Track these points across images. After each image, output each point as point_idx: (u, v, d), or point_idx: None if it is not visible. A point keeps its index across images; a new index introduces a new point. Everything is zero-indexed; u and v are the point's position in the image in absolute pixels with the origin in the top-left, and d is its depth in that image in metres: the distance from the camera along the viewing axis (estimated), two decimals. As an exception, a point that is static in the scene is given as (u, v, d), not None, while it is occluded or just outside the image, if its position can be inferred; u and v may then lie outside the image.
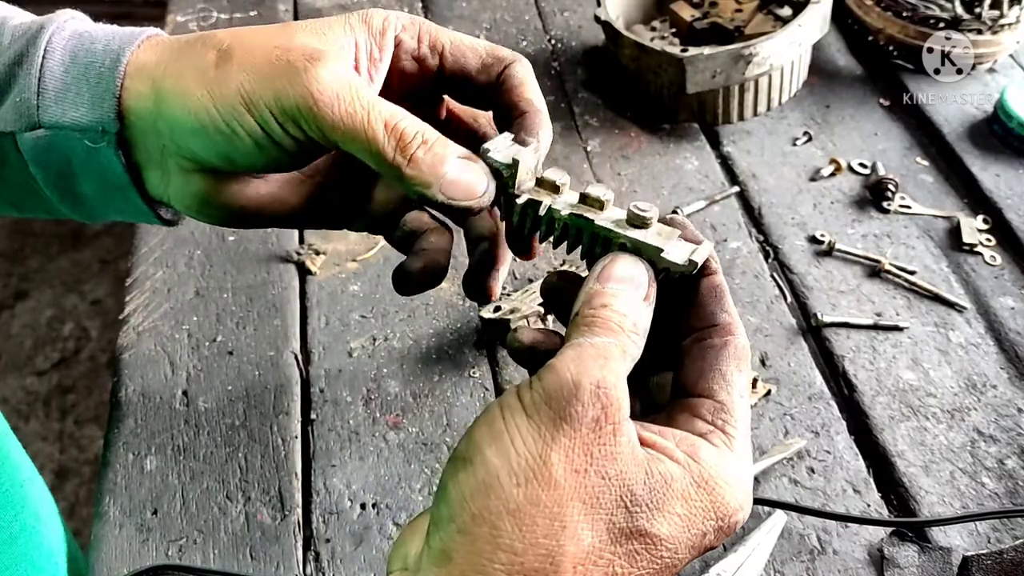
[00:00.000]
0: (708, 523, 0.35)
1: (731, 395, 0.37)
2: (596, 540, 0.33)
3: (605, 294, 0.37)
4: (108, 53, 0.43)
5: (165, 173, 0.44)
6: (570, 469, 0.33)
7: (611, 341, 0.36)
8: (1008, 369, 0.74)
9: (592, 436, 0.33)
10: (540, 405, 0.33)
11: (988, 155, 0.92)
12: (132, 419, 0.70)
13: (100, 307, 2.10)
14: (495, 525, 0.32)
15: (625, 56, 0.95)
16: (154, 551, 0.63)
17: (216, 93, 0.40)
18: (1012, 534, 0.64)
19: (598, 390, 0.33)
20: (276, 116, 0.40)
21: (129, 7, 2.71)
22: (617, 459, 0.33)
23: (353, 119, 0.39)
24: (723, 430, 0.37)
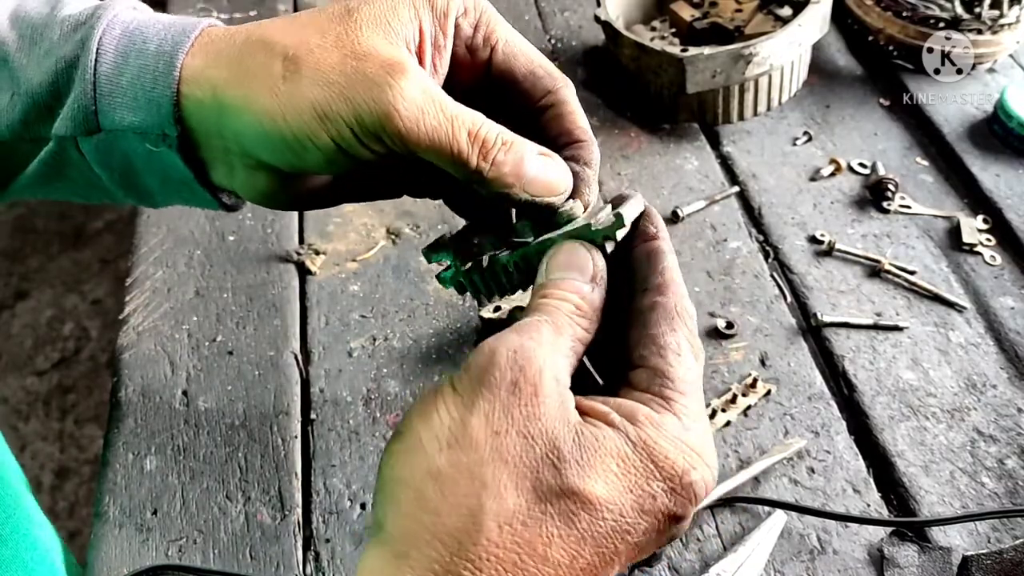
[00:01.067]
0: (654, 484, 0.34)
1: (665, 358, 0.37)
2: (522, 499, 0.32)
3: (547, 284, 0.38)
4: (161, 56, 0.42)
5: (230, 169, 0.44)
6: (490, 431, 0.33)
7: (542, 318, 0.36)
8: (1008, 369, 0.74)
9: (512, 399, 0.33)
10: (463, 377, 0.35)
11: (988, 155, 0.92)
12: (132, 419, 0.70)
13: (100, 307, 2.10)
14: (418, 488, 0.33)
15: (625, 56, 0.95)
16: (154, 551, 0.63)
17: (288, 108, 0.39)
18: (1012, 534, 0.64)
19: (514, 355, 0.34)
20: (356, 132, 0.39)
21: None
22: (541, 419, 0.33)
23: (438, 132, 0.38)
24: (660, 395, 0.36)
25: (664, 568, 0.62)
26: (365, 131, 0.39)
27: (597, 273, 0.39)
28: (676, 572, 0.62)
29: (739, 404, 0.71)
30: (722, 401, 0.71)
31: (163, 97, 0.41)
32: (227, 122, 0.41)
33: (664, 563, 0.62)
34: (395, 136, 0.39)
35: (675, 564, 0.62)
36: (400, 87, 0.38)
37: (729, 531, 0.64)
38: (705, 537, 0.64)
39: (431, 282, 0.80)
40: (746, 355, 0.75)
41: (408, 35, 0.41)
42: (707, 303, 0.79)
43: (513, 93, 0.45)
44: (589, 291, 0.38)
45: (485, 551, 0.31)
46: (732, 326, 0.77)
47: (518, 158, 0.39)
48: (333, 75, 0.39)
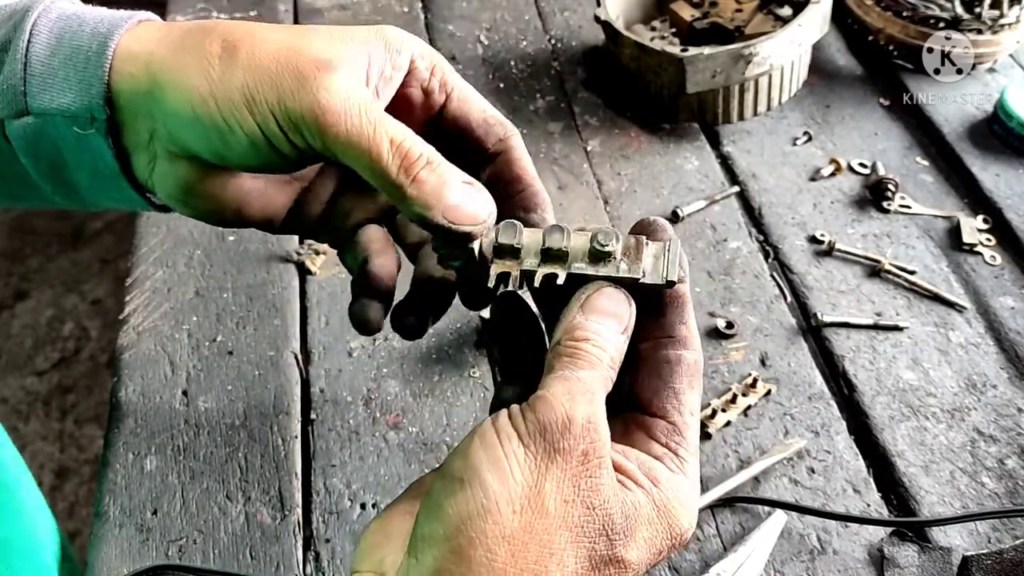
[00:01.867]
0: (665, 543, 0.37)
1: (683, 415, 0.39)
2: (578, 566, 0.34)
3: (588, 328, 0.38)
4: (96, 36, 0.42)
5: (152, 158, 0.43)
6: (560, 499, 0.34)
7: (596, 375, 0.37)
8: (1008, 369, 0.74)
9: (580, 468, 0.35)
10: (536, 436, 0.35)
11: (988, 155, 0.92)
12: (132, 419, 0.70)
13: (100, 307, 2.10)
14: (491, 549, 0.33)
15: (625, 56, 0.95)
16: (154, 551, 0.63)
17: (218, 87, 0.39)
18: (1012, 534, 0.64)
19: (588, 425, 0.35)
20: (279, 120, 0.39)
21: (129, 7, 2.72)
22: (600, 491, 0.35)
23: (360, 133, 0.38)
24: (676, 452, 0.39)
25: (664, 568, 0.62)
26: (287, 120, 0.39)
27: (630, 326, 0.39)
28: (676, 572, 0.62)
29: (739, 404, 0.71)
30: (722, 401, 0.71)
31: (94, 77, 0.41)
32: (158, 100, 0.41)
33: (664, 563, 0.62)
34: (314, 130, 0.38)
35: (675, 564, 0.62)
36: (326, 82, 0.38)
37: (729, 531, 0.64)
38: (705, 537, 0.64)
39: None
40: (746, 355, 0.75)
41: (356, 55, 0.41)
42: (707, 303, 0.79)
43: (465, 140, 0.45)
44: (622, 343, 0.39)
45: None
46: (732, 326, 0.77)
47: (441, 180, 0.38)
48: (266, 61, 0.39)
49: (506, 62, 1.05)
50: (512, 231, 0.40)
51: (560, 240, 0.39)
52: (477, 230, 0.39)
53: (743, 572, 0.60)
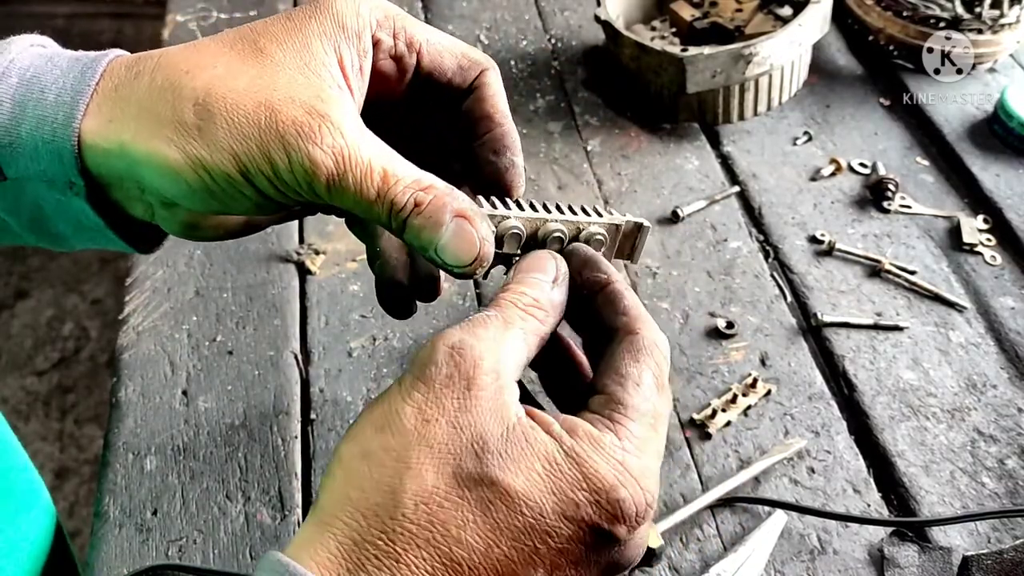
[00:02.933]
0: (579, 492, 0.35)
1: (623, 386, 0.38)
2: (441, 481, 0.34)
3: (510, 283, 0.40)
4: (60, 106, 0.40)
5: (148, 206, 0.43)
6: (420, 419, 0.35)
7: (489, 313, 0.38)
8: (1008, 369, 0.74)
9: (445, 391, 0.35)
10: (407, 373, 0.37)
11: (988, 155, 0.92)
12: (132, 419, 0.70)
13: (100, 307, 2.10)
14: (350, 467, 0.35)
15: (625, 56, 0.95)
16: (154, 551, 0.63)
17: (208, 164, 0.38)
18: (1012, 534, 0.63)
19: (451, 351, 0.36)
20: (276, 186, 0.39)
21: (130, 7, 2.72)
22: (471, 411, 0.35)
23: (348, 192, 0.39)
24: (610, 418, 0.37)
25: (664, 568, 0.62)
26: (285, 186, 0.39)
27: (559, 276, 0.40)
28: (676, 572, 0.62)
29: (739, 404, 0.71)
30: (722, 401, 0.71)
31: (64, 150, 0.40)
32: (140, 173, 0.40)
33: (664, 563, 0.62)
34: (308, 188, 0.39)
35: (675, 564, 0.62)
36: (309, 150, 0.38)
37: (729, 531, 0.64)
38: (705, 537, 0.64)
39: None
40: (746, 355, 0.75)
41: (326, 69, 0.40)
42: (707, 303, 0.79)
43: (444, 89, 0.45)
44: (548, 288, 0.40)
45: (400, 525, 0.34)
46: (732, 326, 0.77)
47: (431, 222, 0.39)
48: (247, 128, 0.38)
49: (506, 62, 1.05)
50: (515, 240, 0.42)
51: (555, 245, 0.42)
52: (470, 269, 0.39)
53: (743, 572, 0.60)
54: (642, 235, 0.43)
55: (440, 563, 0.33)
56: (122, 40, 2.63)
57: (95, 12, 2.73)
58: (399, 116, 0.46)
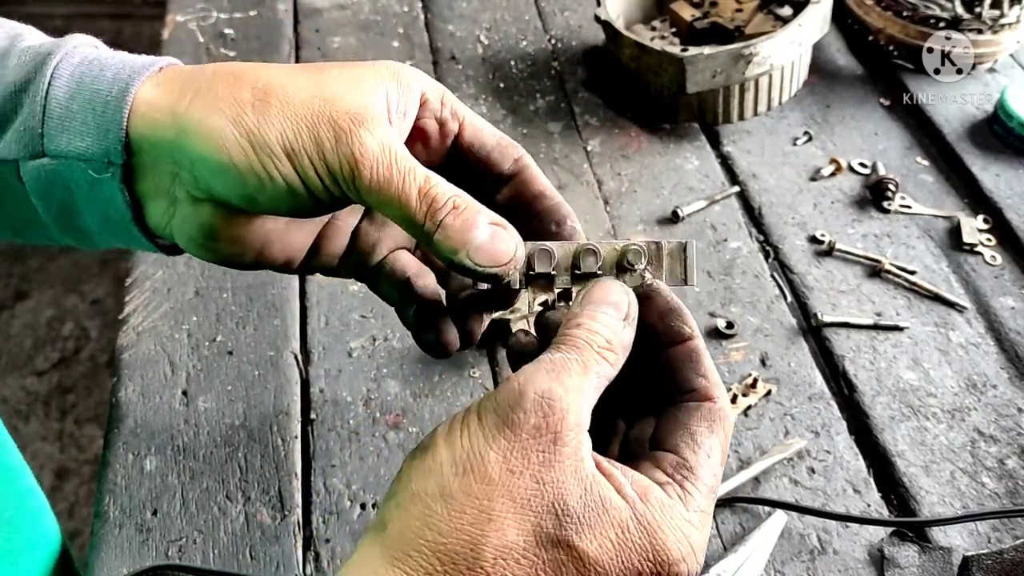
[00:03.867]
0: (644, 563, 0.36)
1: (696, 454, 0.38)
2: (521, 538, 0.34)
3: (582, 315, 0.39)
4: (117, 82, 0.42)
5: (171, 203, 0.43)
6: (505, 468, 0.35)
7: (572, 357, 0.37)
8: (1008, 369, 0.74)
9: (531, 442, 0.35)
10: (489, 411, 0.36)
11: (988, 155, 0.92)
12: (132, 419, 0.70)
13: (100, 307, 2.10)
14: (428, 506, 0.35)
15: (625, 56, 0.95)
16: (154, 551, 0.63)
17: (256, 136, 0.39)
18: (1012, 534, 0.64)
19: (541, 400, 0.35)
20: (317, 169, 0.40)
21: (130, 7, 2.72)
22: (554, 468, 0.35)
23: (390, 184, 0.39)
24: (681, 485, 0.37)
25: (664, 568, 0.62)
26: (326, 171, 0.40)
27: (631, 313, 0.40)
28: (676, 572, 0.62)
29: (739, 404, 0.71)
30: (722, 401, 0.71)
31: (112, 122, 0.41)
32: (185, 146, 0.40)
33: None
34: (350, 180, 0.39)
35: (675, 564, 0.62)
36: (361, 135, 0.39)
37: (729, 531, 0.64)
38: (705, 537, 0.64)
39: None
40: (746, 355, 0.75)
41: (375, 97, 0.42)
42: (707, 303, 0.79)
43: (482, 164, 0.46)
44: (621, 328, 0.39)
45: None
46: (732, 326, 0.77)
47: (467, 223, 0.39)
48: (301, 110, 0.40)
49: (506, 62, 1.05)
50: (546, 258, 0.42)
51: (594, 264, 0.42)
52: (503, 271, 0.40)
53: (743, 572, 0.60)
54: (689, 252, 0.42)
55: None
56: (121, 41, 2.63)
57: (94, 13, 2.73)
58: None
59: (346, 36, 1.09)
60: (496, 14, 1.12)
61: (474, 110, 0.47)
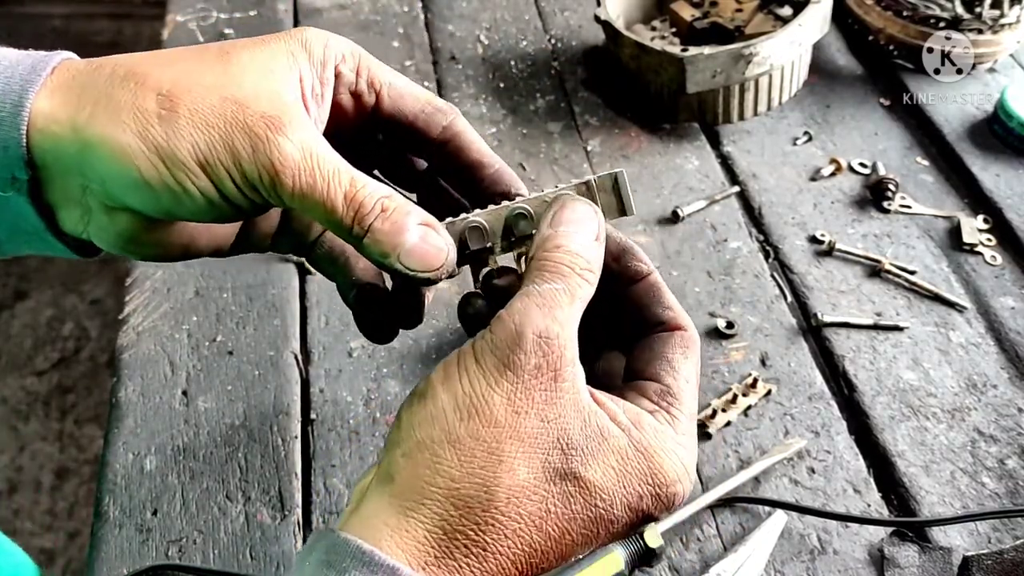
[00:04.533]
0: (644, 487, 0.37)
1: (677, 380, 0.40)
2: (531, 476, 0.35)
3: (557, 235, 0.39)
4: (8, 94, 0.38)
5: (85, 212, 0.41)
6: (511, 410, 0.36)
7: (559, 287, 0.38)
8: (1008, 369, 0.74)
9: (534, 382, 0.36)
10: (487, 353, 0.36)
11: (988, 155, 0.92)
12: (132, 419, 0.70)
13: (100, 307, 2.10)
14: (436, 452, 0.35)
15: (625, 56, 0.94)
16: (154, 551, 0.63)
17: (166, 151, 0.37)
18: (1012, 534, 0.64)
19: (539, 339, 0.36)
20: (236, 181, 0.38)
21: (129, 7, 2.72)
22: (556, 404, 0.36)
23: (313, 190, 0.38)
24: (667, 411, 0.39)
25: (664, 568, 0.62)
26: (245, 181, 0.38)
27: (600, 232, 0.41)
28: (676, 572, 0.62)
29: (739, 404, 0.71)
30: (722, 401, 0.71)
31: (10, 139, 0.38)
32: (92, 162, 0.38)
33: (664, 563, 0.62)
34: (271, 188, 0.38)
35: (675, 564, 0.62)
36: (279, 142, 0.37)
37: (729, 531, 0.64)
38: (705, 537, 0.64)
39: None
40: (746, 355, 0.75)
41: (288, 83, 0.40)
42: (707, 303, 0.79)
43: (406, 133, 0.45)
44: (595, 247, 0.40)
45: (492, 517, 0.35)
46: (732, 326, 0.77)
47: (396, 227, 0.38)
48: (212, 118, 0.37)
49: (506, 62, 1.05)
50: (479, 234, 0.42)
51: (528, 227, 0.42)
52: (435, 275, 0.39)
53: (743, 572, 0.60)
54: (621, 183, 0.42)
55: (521, 550, 0.35)
56: (121, 40, 2.62)
57: (93, 12, 2.73)
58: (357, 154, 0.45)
59: (346, 36, 1.09)
60: (496, 14, 1.12)
61: (474, 110, 0.47)
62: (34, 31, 2.62)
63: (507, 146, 0.93)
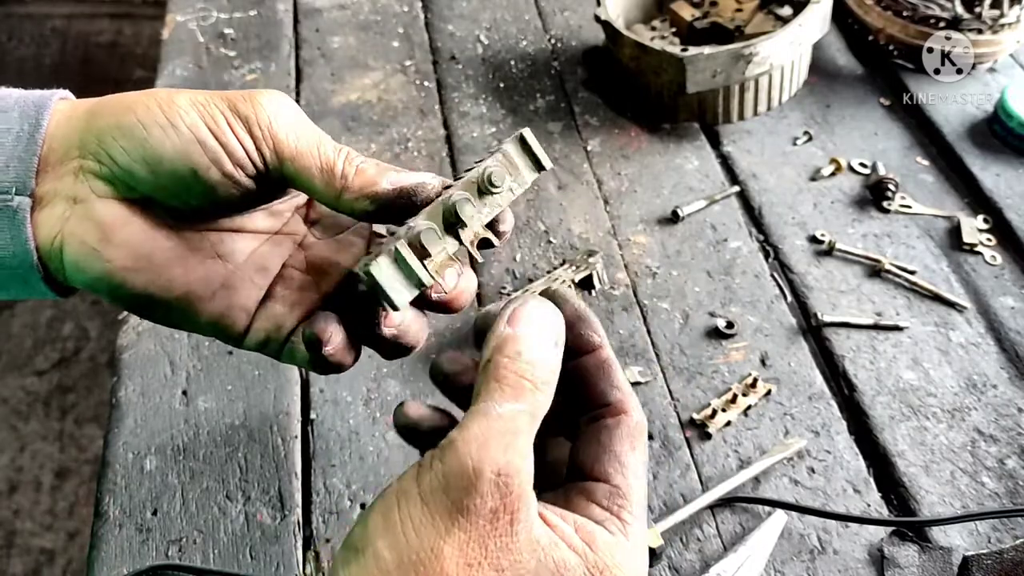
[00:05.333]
0: None
1: (626, 477, 0.37)
2: None
3: (517, 340, 0.36)
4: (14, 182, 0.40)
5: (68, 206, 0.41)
6: (463, 563, 0.32)
7: (520, 408, 0.34)
8: (1008, 369, 0.74)
9: (488, 528, 0.32)
10: (437, 492, 0.32)
11: (988, 155, 0.92)
12: (132, 419, 0.70)
13: (100, 307, 2.10)
14: None
15: (625, 56, 0.94)
16: (154, 551, 0.63)
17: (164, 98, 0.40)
18: (1012, 534, 0.64)
19: (498, 479, 0.32)
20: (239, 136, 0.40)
21: (129, 7, 2.71)
22: (512, 551, 0.33)
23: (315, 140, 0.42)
24: (619, 516, 0.37)
25: (664, 568, 0.62)
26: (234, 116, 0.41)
27: (560, 335, 0.38)
28: (676, 572, 0.62)
29: (739, 404, 0.71)
30: (722, 401, 0.71)
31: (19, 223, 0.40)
32: (96, 131, 0.40)
33: (664, 563, 0.62)
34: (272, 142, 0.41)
35: (675, 564, 0.62)
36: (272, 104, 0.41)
37: (729, 531, 0.64)
38: (705, 537, 0.64)
39: (431, 282, 0.80)
40: (746, 355, 0.75)
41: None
42: (707, 303, 0.79)
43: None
44: (554, 355, 0.37)
45: None
46: (732, 326, 0.77)
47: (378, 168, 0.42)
48: (209, 96, 0.41)
49: (506, 62, 1.05)
50: (433, 237, 0.40)
51: (471, 211, 0.41)
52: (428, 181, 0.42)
53: (743, 572, 0.60)
54: (529, 140, 0.43)
55: None
56: (121, 40, 2.62)
57: (93, 12, 2.73)
58: None
59: (346, 36, 1.09)
60: (496, 14, 1.12)
61: (474, 110, 0.47)
62: (34, 31, 2.62)
63: (507, 146, 0.93)
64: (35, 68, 2.52)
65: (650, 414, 0.71)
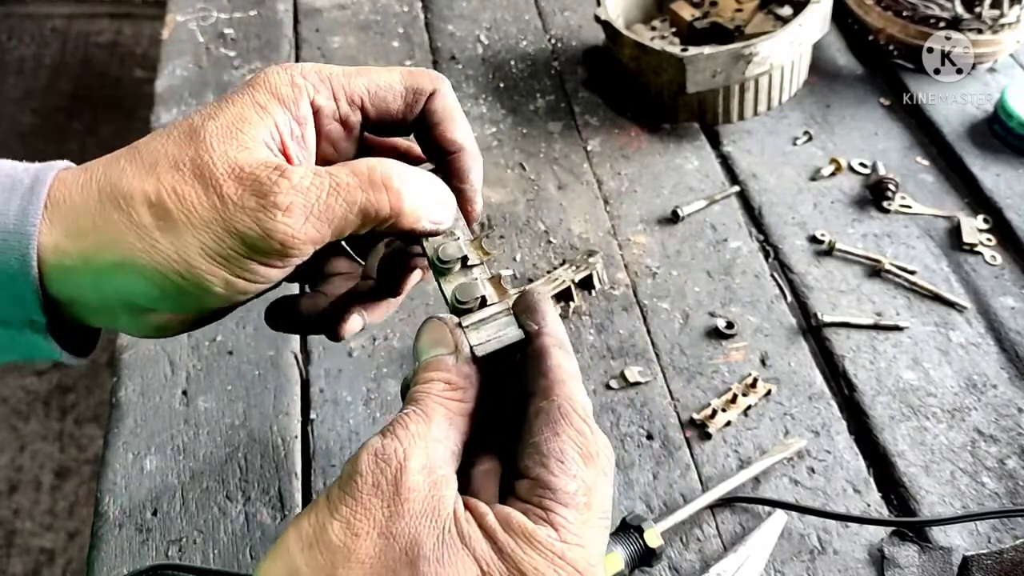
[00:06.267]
0: None
1: (547, 467, 0.36)
2: None
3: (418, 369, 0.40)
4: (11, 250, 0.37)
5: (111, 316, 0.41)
6: (349, 533, 0.34)
7: (407, 410, 0.37)
8: (1008, 369, 0.74)
9: (374, 500, 0.34)
10: (333, 487, 0.36)
11: (988, 155, 0.92)
12: (132, 419, 0.70)
13: (100, 307, 2.10)
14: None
15: (625, 56, 0.94)
16: (154, 551, 0.63)
17: (178, 259, 0.37)
18: (1012, 534, 0.64)
19: (376, 457, 0.35)
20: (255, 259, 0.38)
21: (129, 7, 2.72)
22: (403, 517, 0.34)
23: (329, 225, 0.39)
24: (540, 505, 0.35)
25: (664, 568, 0.62)
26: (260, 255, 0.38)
27: (457, 345, 0.40)
28: (676, 572, 0.62)
29: (739, 404, 0.71)
30: (722, 401, 0.71)
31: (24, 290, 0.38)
32: (108, 285, 0.38)
33: (664, 563, 0.62)
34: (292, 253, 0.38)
35: (675, 564, 0.62)
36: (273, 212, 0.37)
37: (729, 531, 0.64)
38: (705, 537, 0.64)
39: (430, 281, 0.80)
40: (746, 355, 0.75)
41: (264, 137, 0.39)
42: (707, 303, 0.79)
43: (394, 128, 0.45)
44: (453, 362, 0.39)
45: None
46: (732, 326, 0.77)
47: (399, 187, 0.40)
48: (206, 213, 0.37)
49: (506, 62, 1.05)
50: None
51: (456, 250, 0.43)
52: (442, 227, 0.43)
53: (743, 572, 0.60)
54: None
55: None
56: (121, 40, 2.63)
57: (94, 12, 2.73)
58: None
59: (346, 36, 1.09)
60: (496, 14, 1.12)
61: (474, 110, 0.47)
62: (34, 31, 2.62)
63: (507, 146, 0.93)
64: (35, 68, 2.52)
65: (650, 414, 0.71)
